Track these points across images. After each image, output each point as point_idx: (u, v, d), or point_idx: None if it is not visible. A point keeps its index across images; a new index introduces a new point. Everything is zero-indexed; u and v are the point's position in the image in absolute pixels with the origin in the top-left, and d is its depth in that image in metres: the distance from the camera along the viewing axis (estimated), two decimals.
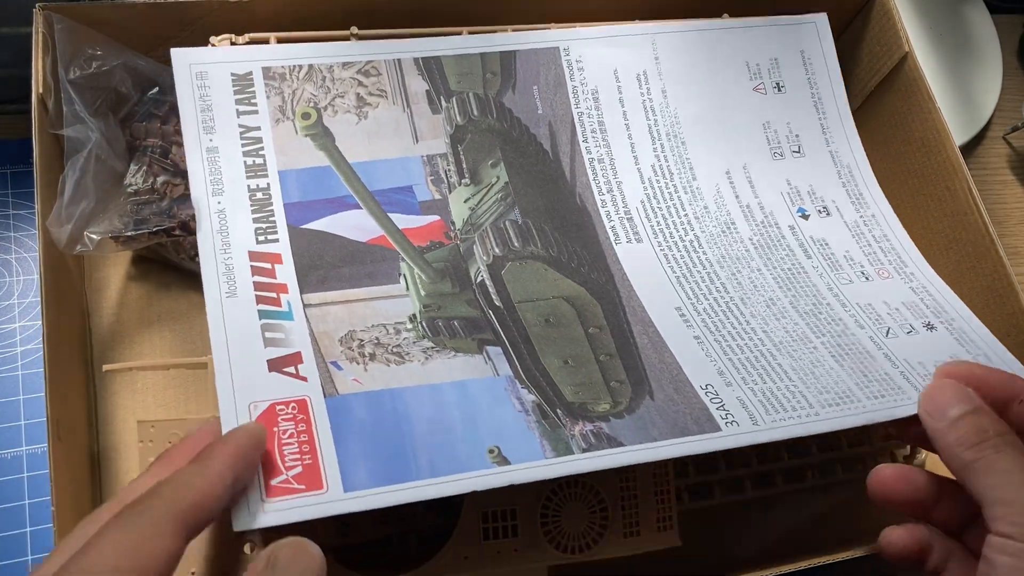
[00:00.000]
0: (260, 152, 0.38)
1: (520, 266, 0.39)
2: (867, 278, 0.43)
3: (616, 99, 0.45)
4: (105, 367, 0.43)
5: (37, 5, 0.42)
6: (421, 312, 0.37)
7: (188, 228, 0.44)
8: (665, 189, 0.44)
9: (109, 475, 0.44)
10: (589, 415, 0.35)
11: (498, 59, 0.43)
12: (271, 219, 0.37)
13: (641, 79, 0.46)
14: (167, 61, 0.46)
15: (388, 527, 0.38)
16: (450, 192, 0.40)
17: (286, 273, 0.36)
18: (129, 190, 0.44)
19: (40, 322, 0.38)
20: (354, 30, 0.44)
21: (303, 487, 0.29)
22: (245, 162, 0.38)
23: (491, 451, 0.33)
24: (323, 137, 0.40)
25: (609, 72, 0.45)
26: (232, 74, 0.39)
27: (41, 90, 0.41)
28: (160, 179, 0.45)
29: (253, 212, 0.37)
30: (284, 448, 0.30)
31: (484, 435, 0.33)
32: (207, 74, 0.39)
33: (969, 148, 0.66)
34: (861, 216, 0.46)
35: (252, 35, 0.42)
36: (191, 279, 0.48)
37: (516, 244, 0.39)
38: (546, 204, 0.41)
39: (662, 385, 0.37)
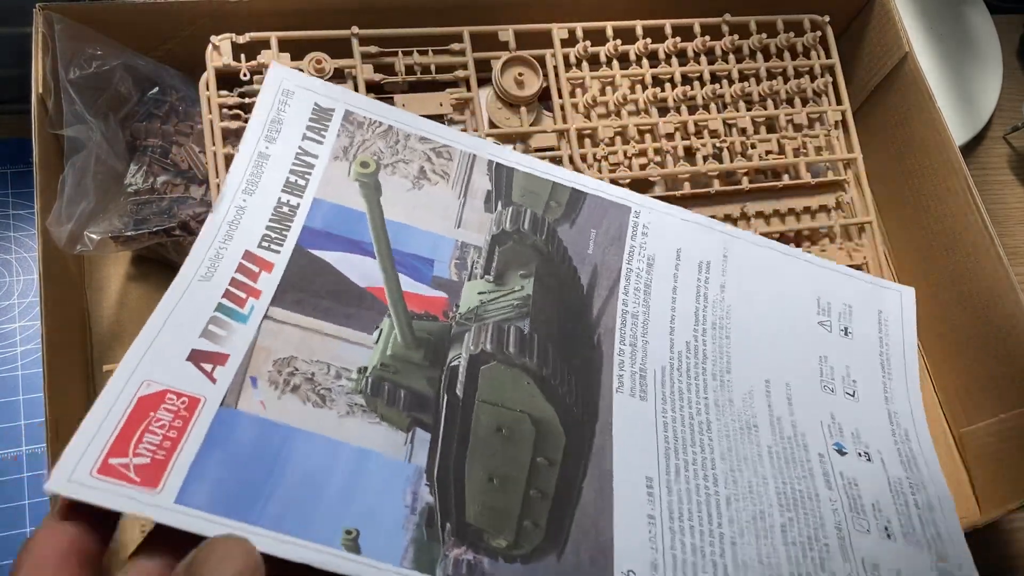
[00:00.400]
0: (306, 175, 0.39)
1: (503, 369, 0.36)
2: (889, 536, 0.38)
3: (671, 273, 0.43)
4: (105, 367, 0.43)
5: (37, 5, 0.42)
6: (375, 368, 0.35)
7: (188, 228, 0.44)
8: (693, 368, 0.41)
9: None
10: (478, 544, 0.32)
11: (568, 193, 0.43)
12: (284, 233, 0.37)
13: (702, 267, 0.44)
14: (167, 61, 0.46)
15: None
16: (468, 280, 0.40)
17: (268, 282, 0.35)
18: (129, 190, 0.44)
19: (40, 322, 0.38)
20: (355, 29, 0.44)
21: (137, 479, 0.27)
22: (288, 178, 0.38)
23: (348, 532, 0.30)
24: (371, 188, 0.40)
25: (672, 248, 0.44)
26: (316, 104, 0.41)
27: (41, 90, 0.41)
28: (160, 179, 0.45)
29: (270, 220, 0.37)
30: (145, 436, 0.29)
31: (352, 513, 0.30)
32: (293, 94, 0.40)
33: (969, 148, 0.66)
34: (908, 478, 0.41)
35: (253, 35, 0.42)
36: None
37: (511, 350, 0.37)
38: (560, 329, 0.39)
39: (578, 550, 0.33)
